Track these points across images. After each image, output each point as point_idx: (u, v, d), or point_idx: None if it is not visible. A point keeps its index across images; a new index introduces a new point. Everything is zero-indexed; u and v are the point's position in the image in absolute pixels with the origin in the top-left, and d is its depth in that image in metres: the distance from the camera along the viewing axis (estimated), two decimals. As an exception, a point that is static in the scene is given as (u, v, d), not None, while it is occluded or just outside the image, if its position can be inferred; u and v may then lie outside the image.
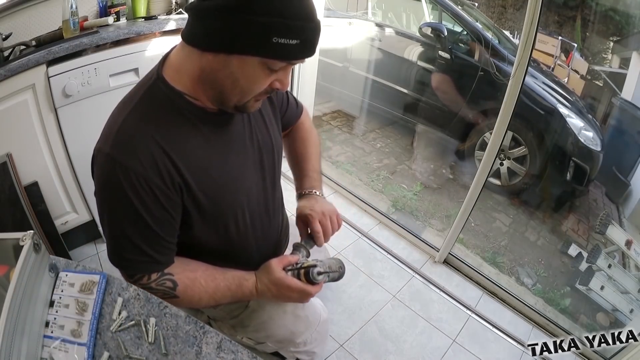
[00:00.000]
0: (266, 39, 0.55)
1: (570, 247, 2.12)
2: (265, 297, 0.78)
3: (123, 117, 0.63)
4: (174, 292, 0.71)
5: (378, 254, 1.91)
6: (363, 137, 3.07)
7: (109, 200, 0.65)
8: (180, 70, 0.65)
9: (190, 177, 0.66)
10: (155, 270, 0.70)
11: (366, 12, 3.30)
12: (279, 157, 0.86)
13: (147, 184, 0.62)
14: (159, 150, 0.63)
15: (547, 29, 2.68)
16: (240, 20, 0.55)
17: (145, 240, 0.66)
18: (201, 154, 0.68)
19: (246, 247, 0.81)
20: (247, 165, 0.77)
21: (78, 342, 0.57)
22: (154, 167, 0.62)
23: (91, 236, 1.74)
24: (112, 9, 1.63)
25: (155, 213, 0.64)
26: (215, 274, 0.75)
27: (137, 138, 0.62)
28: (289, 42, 0.56)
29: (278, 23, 0.55)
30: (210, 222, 0.73)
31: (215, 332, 0.59)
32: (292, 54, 0.58)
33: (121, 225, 0.65)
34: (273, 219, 0.88)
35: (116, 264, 0.70)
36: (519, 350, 1.55)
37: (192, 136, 0.67)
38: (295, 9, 0.56)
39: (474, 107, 2.59)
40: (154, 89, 0.65)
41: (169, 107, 0.65)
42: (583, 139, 2.22)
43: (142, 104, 0.64)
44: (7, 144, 1.33)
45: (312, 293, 0.76)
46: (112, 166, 0.61)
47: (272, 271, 0.76)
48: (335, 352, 1.45)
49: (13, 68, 1.24)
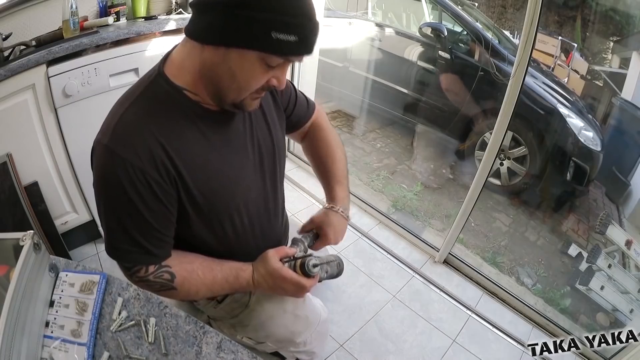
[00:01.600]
0: (266, 34, 0.56)
1: (570, 247, 2.12)
2: (262, 288, 0.78)
3: (122, 111, 0.64)
4: (172, 283, 0.71)
5: (378, 254, 1.91)
6: (363, 137, 3.07)
7: (105, 191, 0.65)
8: (183, 66, 0.66)
9: (186, 173, 0.67)
10: (152, 262, 0.70)
11: (366, 12, 3.30)
12: (281, 159, 0.86)
13: (143, 176, 0.62)
14: (156, 143, 0.63)
15: (547, 29, 2.68)
16: (241, 15, 0.56)
17: (140, 231, 0.67)
18: (198, 151, 0.68)
19: (245, 248, 0.81)
20: (246, 165, 0.77)
21: (78, 342, 0.57)
22: (150, 159, 0.63)
23: (91, 236, 1.74)
24: (112, 9, 1.63)
25: (151, 205, 0.65)
26: (212, 265, 0.76)
27: (135, 131, 0.63)
28: (287, 38, 0.57)
29: (278, 19, 0.56)
30: (207, 221, 0.74)
31: (215, 332, 0.59)
32: (290, 50, 0.59)
33: (117, 216, 0.65)
34: (274, 220, 0.88)
35: (112, 255, 0.70)
36: (519, 350, 1.55)
37: (190, 132, 0.68)
38: (295, 7, 0.57)
39: (474, 107, 2.59)
40: (154, 85, 0.66)
41: (169, 102, 0.66)
42: (583, 139, 2.22)
43: (142, 99, 0.65)
44: (7, 144, 1.33)
45: (306, 286, 0.76)
46: (109, 158, 0.62)
47: (268, 261, 0.76)
48: (335, 352, 1.45)
49: (13, 68, 1.24)
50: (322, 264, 0.78)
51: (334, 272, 0.82)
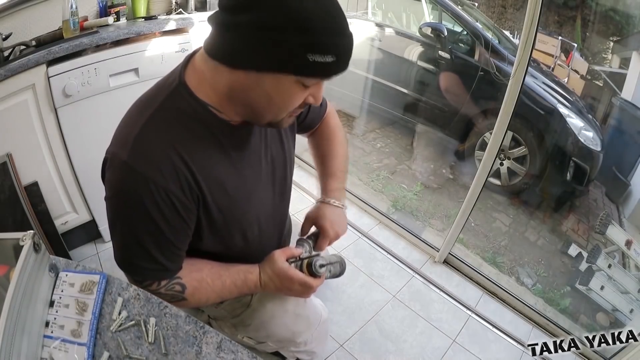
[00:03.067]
0: (302, 57, 0.53)
1: (570, 247, 2.12)
2: (269, 289, 0.78)
3: (143, 123, 0.61)
4: (182, 294, 0.71)
5: (378, 254, 1.91)
6: (363, 137, 3.07)
7: (124, 209, 0.63)
8: (205, 81, 0.62)
9: (207, 190, 0.65)
10: (166, 277, 0.69)
11: (366, 12, 3.30)
12: (290, 170, 0.85)
13: (166, 194, 0.60)
14: (179, 160, 0.61)
15: (547, 29, 2.69)
16: (273, 37, 0.53)
17: (159, 248, 0.65)
18: (219, 168, 0.67)
19: (252, 255, 0.81)
20: (260, 179, 0.76)
21: (78, 342, 0.57)
22: (174, 178, 0.61)
23: (91, 236, 1.74)
24: (112, 9, 1.63)
25: (172, 223, 0.63)
26: (220, 271, 0.75)
27: (158, 147, 0.60)
28: (324, 59, 0.54)
29: (314, 41, 0.53)
30: (220, 233, 0.73)
31: (215, 332, 0.59)
32: (328, 71, 0.57)
33: (135, 234, 0.63)
34: (279, 226, 0.88)
35: (125, 269, 0.69)
36: (519, 350, 1.55)
37: (212, 149, 0.66)
38: (329, 25, 0.54)
39: (473, 107, 2.58)
40: (175, 96, 0.63)
41: (192, 117, 0.63)
42: (583, 139, 2.22)
43: (164, 110, 0.62)
44: (7, 144, 1.33)
45: (313, 286, 0.76)
46: (130, 175, 0.59)
47: (275, 262, 0.76)
48: (335, 352, 1.45)
49: (13, 68, 1.24)
50: (328, 264, 0.78)
51: (337, 272, 0.82)
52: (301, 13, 0.52)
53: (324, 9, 0.54)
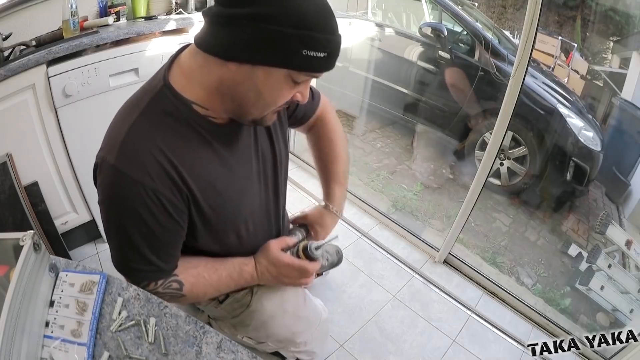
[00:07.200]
0: (296, 51, 0.55)
1: (570, 247, 2.12)
2: (266, 279, 0.79)
3: (128, 126, 0.61)
4: (181, 292, 0.72)
5: (378, 254, 1.91)
6: (363, 137, 3.07)
7: (116, 212, 0.63)
8: (192, 78, 0.62)
9: (197, 190, 0.66)
10: (162, 277, 0.70)
11: (366, 12, 3.30)
12: (282, 166, 0.85)
13: (156, 196, 0.61)
14: (166, 162, 0.61)
15: (547, 29, 2.69)
16: (270, 31, 0.53)
17: (153, 250, 0.66)
18: (208, 166, 0.67)
19: (247, 252, 0.81)
20: (251, 176, 0.77)
21: (78, 342, 0.57)
22: (162, 179, 0.61)
23: (91, 236, 1.74)
24: (112, 9, 1.63)
25: (164, 224, 0.64)
26: (216, 265, 0.76)
27: (145, 150, 0.60)
28: (317, 54, 0.56)
29: (308, 36, 0.54)
30: (214, 232, 0.73)
31: (215, 332, 0.59)
32: (319, 67, 0.58)
33: (128, 237, 0.64)
34: (275, 224, 0.88)
35: (122, 272, 0.70)
36: (519, 350, 1.55)
37: (199, 148, 0.66)
38: (323, 22, 0.56)
39: (473, 107, 2.58)
40: (160, 97, 0.63)
41: (177, 117, 0.63)
42: (583, 139, 2.22)
43: (149, 113, 0.62)
44: (7, 144, 1.33)
45: (309, 270, 0.77)
46: (119, 179, 0.60)
47: (270, 251, 0.77)
48: (335, 352, 1.45)
49: (13, 68, 1.24)
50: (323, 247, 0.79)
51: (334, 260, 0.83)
52: (299, 9, 0.53)
53: (319, 8, 0.56)
